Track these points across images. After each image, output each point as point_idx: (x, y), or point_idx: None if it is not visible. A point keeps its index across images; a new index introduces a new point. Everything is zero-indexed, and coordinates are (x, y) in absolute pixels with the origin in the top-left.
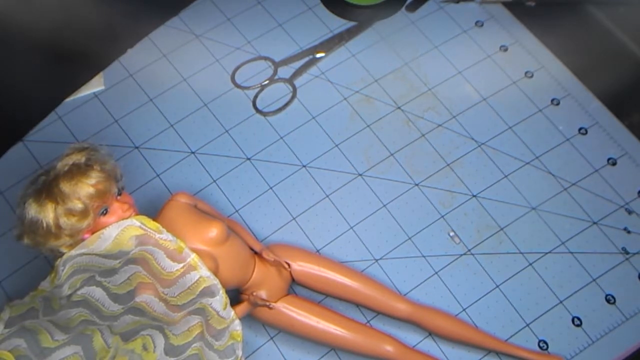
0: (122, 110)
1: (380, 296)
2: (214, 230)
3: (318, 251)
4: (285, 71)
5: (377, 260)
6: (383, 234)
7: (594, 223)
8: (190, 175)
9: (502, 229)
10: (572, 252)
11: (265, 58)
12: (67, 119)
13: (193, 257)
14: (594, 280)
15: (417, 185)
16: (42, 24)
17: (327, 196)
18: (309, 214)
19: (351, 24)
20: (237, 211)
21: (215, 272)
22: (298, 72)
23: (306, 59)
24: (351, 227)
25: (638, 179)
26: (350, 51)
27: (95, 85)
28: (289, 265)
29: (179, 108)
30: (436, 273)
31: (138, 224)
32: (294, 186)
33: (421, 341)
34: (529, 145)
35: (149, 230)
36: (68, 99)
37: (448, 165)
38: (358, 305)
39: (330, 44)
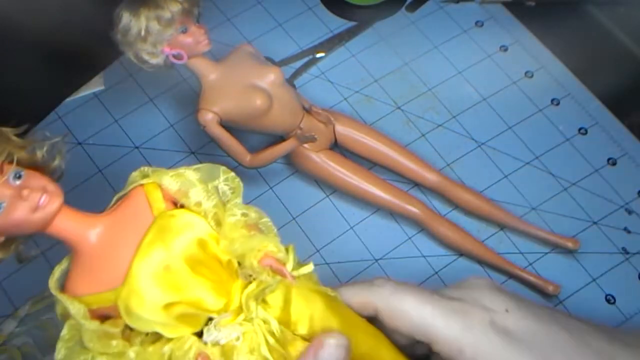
0: (122, 110)
1: (413, 165)
2: (273, 73)
3: (318, 251)
4: (285, 71)
5: (377, 260)
6: (383, 234)
7: (594, 223)
8: None
9: (502, 229)
10: (572, 252)
11: (265, 58)
12: (67, 119)
13: None
14: (594, 280)
15: (417, 185)
16: (42, 24)
17: (327, 196)
18: (309, 214)
19: (351, 24)
20: None
21: (268, 110)
22: (298, 72)
23: (306, 59)
24: (351, 227)
25: (638, 179)
26: (350, 51)
27: (95, 85)
28: (333, 125)
29: (179, 108)
30: (436, 273)
31: None
32: (294, 186)
33: (448, 213)
34: (529, 145)
35: None
36: (68, 99)
37: (448, 165)
38: (393, 172)
39: (330, 44)
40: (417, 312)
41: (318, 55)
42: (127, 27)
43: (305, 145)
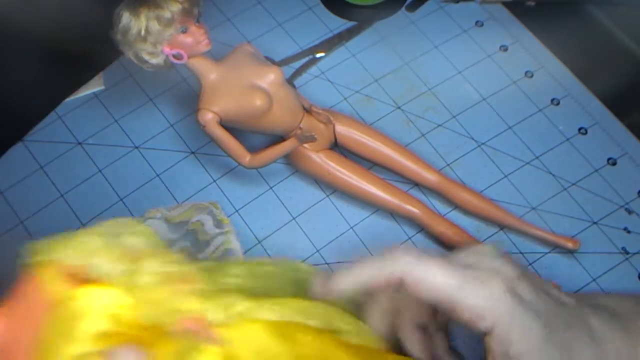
0: (122, 110)
1: (413, 164)
2: (273, 73)
3: (318, 251)
4: (285, 71)
5: None
6: (383, 234)
7: (594, 223)
8: (191, 175)
9: (501, 229)
10: (572, 252)
11: (265, 58)
12: (67, 119)
13: (230, 228)
14: (594, 280)
15: (416, 185)
16: (42, 24)
17: (327, 196)
18: (309, 214)
19: (351, 24)
20: (237, 211)
21: (268, 111)
22: (298, 72)
23: (306, 58)
24: (351, 227)
25: (638, 179)
26: (350, 51)
27: (95, 85)
28: (333, 125)
29: (179, 108)
30: None
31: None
32: (294, 186)
33: (447, 213)
34: (529, 145)
35: (212, 207)
36: (68, 99)
37: (448, 165)
38: (393, 172)
39: (330, 44)
40: (444, 282)
41: (318, 55)
42: (127, 27)
43: (305, 145)
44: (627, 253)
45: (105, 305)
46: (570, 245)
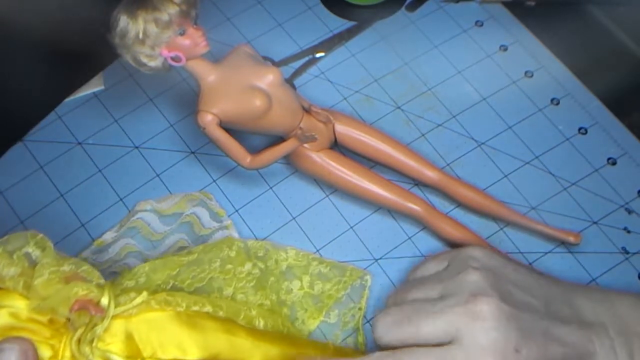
0: (122, 110)
1: (414, 162)
2: (272, 74)
3: (318, 251)
4: (285, 71)
5: (377, 260)
6: (383, 234)
7: (594, 223)
8: (190, 175)
9: (501, 228)
10: (571, 252)
11: (265, 58)
12: (67, 119)
13: (229, 222)
14: (593, 280)
15: (416, 185)
16: (42, 24)
17: (327, 196)
18: (309, 213)
19: (351, 23)
20: (237, 211)
21: (267, 111)
22: (298, 72)
23: (306, 58)
24: (351, 227)
25: (638, 179)
26: (350, 51)
27: (95, 85)
28: (333, 124)
29: (179, 108)
30: None
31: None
32: (294, 186)
33: (449, 211)
34: (529, 145)
35: (204, 198)
36: (68, 99)
37: (448, 165)
38: (393, 170)
39: (330, 43)
40: None
41: (318, 55)
42: (125, 30)
43: (305, 145)
44: (627, 253)
45: (4, 305)
46: (572, 239)
